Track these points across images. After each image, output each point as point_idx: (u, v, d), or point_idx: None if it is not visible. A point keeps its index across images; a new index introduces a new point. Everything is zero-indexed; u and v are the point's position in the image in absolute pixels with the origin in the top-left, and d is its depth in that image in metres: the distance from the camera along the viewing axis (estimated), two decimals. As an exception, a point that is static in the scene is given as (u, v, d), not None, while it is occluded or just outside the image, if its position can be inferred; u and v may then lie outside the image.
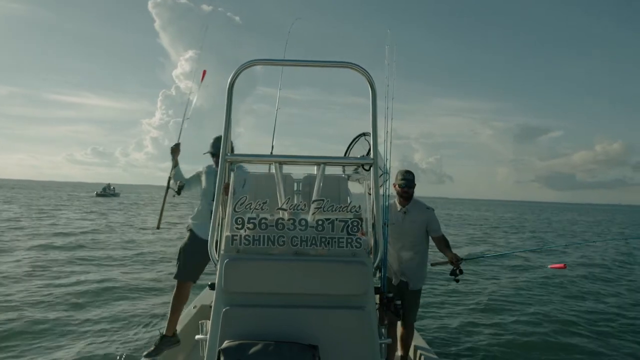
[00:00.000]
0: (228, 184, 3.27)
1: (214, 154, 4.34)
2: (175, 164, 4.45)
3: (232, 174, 3.10)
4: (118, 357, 6.17)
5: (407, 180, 4.35)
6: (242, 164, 3.52)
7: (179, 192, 4.42)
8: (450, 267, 4.32)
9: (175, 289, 4.42)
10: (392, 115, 3.71)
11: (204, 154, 4.37)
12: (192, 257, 4.30)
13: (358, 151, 3.47)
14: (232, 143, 3.02)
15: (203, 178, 4.50)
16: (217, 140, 4.08)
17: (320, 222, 2.83)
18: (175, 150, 4.47)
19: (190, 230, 4.39)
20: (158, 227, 4.75)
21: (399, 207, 4.46)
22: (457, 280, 4.15)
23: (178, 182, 4.43)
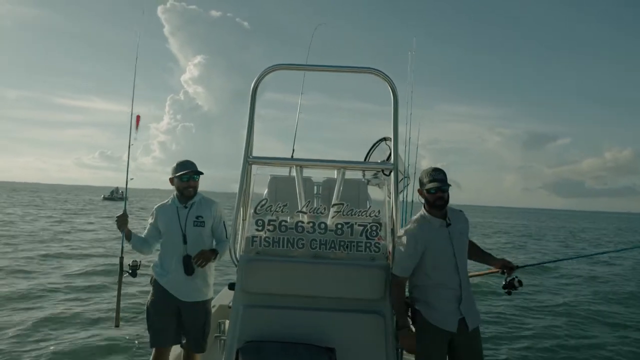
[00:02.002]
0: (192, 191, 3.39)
1: (186, 178, 3.39)
2: (128, 238, 3.49)
3: (252, 177, 3.13)
4: None
5: (440, 181, 2.85)
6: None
7: (133, 274, 3.48)
8: (491, 276, 3.52)
9: (152, 357, 3.47)
10: (411, 121, 3.74)
11: (170, 178, 3.47)
12: (162, 315, 3.38)
13: (377, 156, 3.49)
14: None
15: (157, 219, 3.51)
16: (181, 166, 3.39)
17: (339, 226, 2.85)
18: (121, 221, 3.44)
19: (155, 282, 3.43)
20: (117, 325, 3.59)
21: (434, 221, 2.91)
22: (510, 293, 3.18)
23: (131, 261, 3.51)
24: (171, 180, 3.44)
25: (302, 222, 2.89)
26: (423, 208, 2.96)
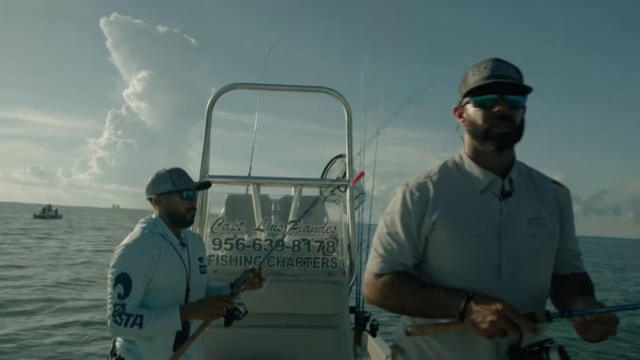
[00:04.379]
0: None
1: (166, 195, 2.16)
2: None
3: (208, 195, 3.11)
4: None
5: (504, 77, 1.30)
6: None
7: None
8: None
9: None
10: (365, 140, 3.85)
11: (148, 198, 2.22)
12: None
13: (334, 173, 3.57)
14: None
15: (156, 267, 2.05)
16: (180, 176, 2.17)
17: (296, 243, 2.89)
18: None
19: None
20: None
21: (478, 179, 1.40)
22: None
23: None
24: (157, 199, 2.16)
25: (260, 240, 2.90)
26: (462, 150, 1.45)
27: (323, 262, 2.88)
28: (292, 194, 3.23)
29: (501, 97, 1.29)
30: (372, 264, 1.45)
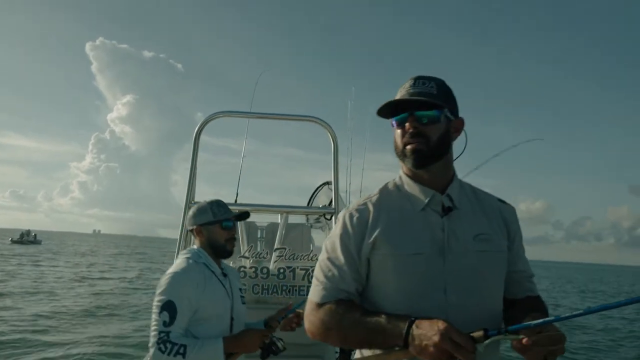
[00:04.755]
0: None
1: (212, 223, 2.17)
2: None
3: None
4: None
5: (419, 94, 1.30)
6: None
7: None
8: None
9: None
10: (351, 168, 3.88)
11: (189, 230, 2.24)
12: None
13: (321, 200, 3.59)
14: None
15: (201, 298, 2.03)
16: (221, 206, 2.22)
17: (281, 270, 2.87)
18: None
19: None
20: None
21: (415, 195, 1.37)
22: None
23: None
24: (199, 230, 2.16)
25: (245, 267, 2.88)
26: (401, 170, 1.43)
27: (308, 290, 2.85)
28: (279, 221, 3.23)
29: (411, 115, 1.29)
30: (312, 293, 1.36)
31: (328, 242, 1.39)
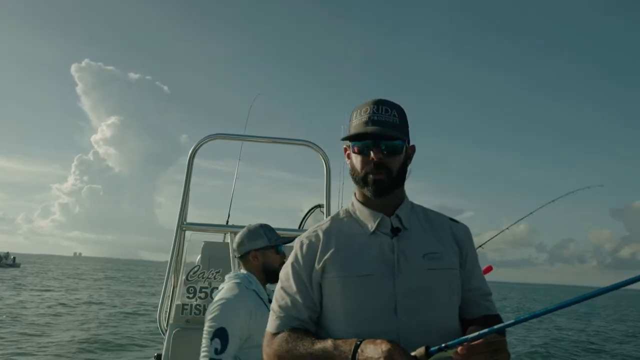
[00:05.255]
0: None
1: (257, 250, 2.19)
2: None
3: (185, 244, 3.09)
4: None
5: (378, 124, 1.31)
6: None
7: None
8: None
9: None
10: (342, 191, 3.91)
11: (241, 255, 2.21)
12: None
13: (311, 223, 3.61)
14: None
15: (253, 323, 2.04)
16: (272, 231, 2.25)
17: (270, 293, 2.86)
18: None
19: None
20: None
21: (364, 220, 1.40)
22: None
23: None
24: (255, 255, 2.14)
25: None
26: (353, 196, 1.46)
27: None
28: None
29: (375, 144, 1.30)
30: (268, 324, 1.37)
31: (282, 271, 1.40)
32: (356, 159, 1.35)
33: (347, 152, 1.40)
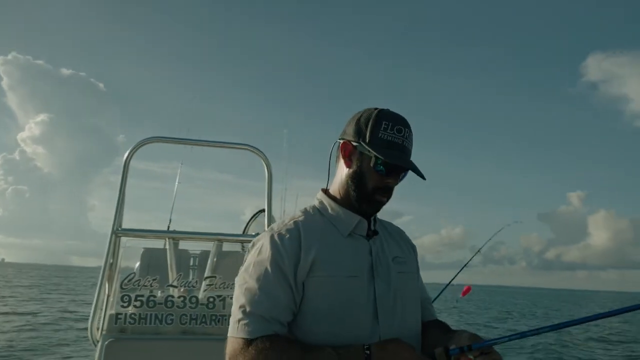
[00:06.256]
0: None
1: None
2: None
3: (121, 250, 2.97)
4: None
5: (404, 151, 1.30)
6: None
7: None
8: None
9: None
10: (285, 196, 3.94)
11: None
12: None
13: (254, 228, 3.58)
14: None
15: None
16: None
17: (211, 299, 2.81)
18: None
19: None
20: None
21: (344, 222, 1.34)
22: None
23: None
24: None
25: (173, 297, 2.79)
26: (321, 194, 1.40)
27: None
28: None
29: (396, 172, 1.28)
30: (237, 331, 1.17)
31: (252, 269, 1.23)
32: (369, 172, 1.28)
33: (349, 150, 1.31)
